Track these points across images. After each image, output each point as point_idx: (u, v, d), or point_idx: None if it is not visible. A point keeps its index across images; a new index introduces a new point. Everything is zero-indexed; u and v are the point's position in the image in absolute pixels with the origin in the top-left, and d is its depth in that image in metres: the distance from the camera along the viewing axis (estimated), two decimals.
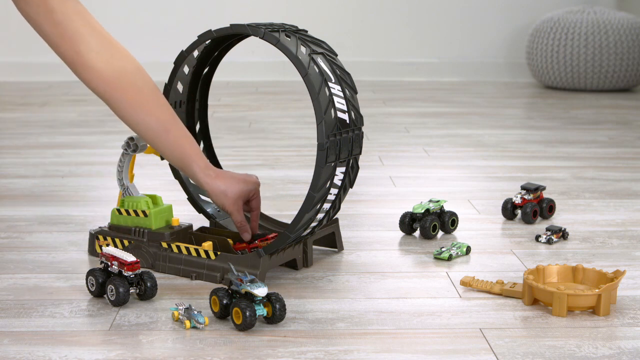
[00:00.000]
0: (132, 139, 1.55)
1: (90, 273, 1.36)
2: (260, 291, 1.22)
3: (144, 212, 1.51)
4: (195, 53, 1.56)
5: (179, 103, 1.61)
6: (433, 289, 1.42)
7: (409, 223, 1.71)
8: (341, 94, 1.39)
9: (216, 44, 1.56)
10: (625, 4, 4.40)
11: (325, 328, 1.25)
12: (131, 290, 1.34)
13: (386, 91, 3.97)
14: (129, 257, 1.34)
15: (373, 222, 1.80)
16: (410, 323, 1.28)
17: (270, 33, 1.37)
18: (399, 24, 4.41)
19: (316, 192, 1.36)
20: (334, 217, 1.58)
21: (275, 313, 1.24)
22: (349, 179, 1.45)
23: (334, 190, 1.41)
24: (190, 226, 1.56)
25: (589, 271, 1.40)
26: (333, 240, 1.60)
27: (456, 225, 1.73)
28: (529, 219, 1.79)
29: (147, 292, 1.34)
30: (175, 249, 1.48)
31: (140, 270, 1.34)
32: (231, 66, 3.42)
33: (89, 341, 1.20)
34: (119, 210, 1.55)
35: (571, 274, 1.41)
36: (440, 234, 1.73)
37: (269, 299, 1.25)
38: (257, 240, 1.53)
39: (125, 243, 1.52)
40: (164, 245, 1.49)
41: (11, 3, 1.35)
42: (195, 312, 1.25)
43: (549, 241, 1.66)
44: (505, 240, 1.69)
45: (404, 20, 4.41)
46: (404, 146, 2.67)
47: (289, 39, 1.38)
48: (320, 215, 1.43)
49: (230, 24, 1.42)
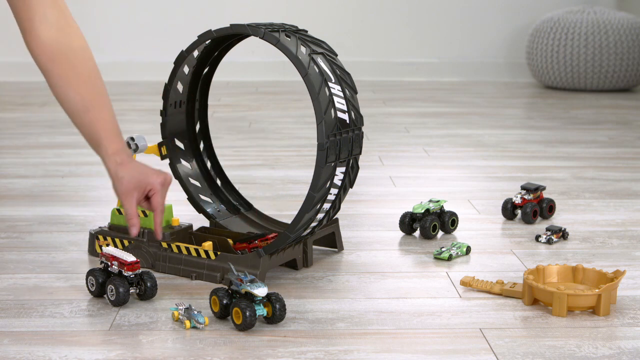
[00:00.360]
0: (133, 138, 1.55)
1: (90, 273, 1.36)
2: (260, 291, 1.22)
3: (144, 212, 1.51)
4: (195, 53, 1.56)
5: (179, 103, 1.61)
6: (433, 289, 1.42)
7: (409, 223, 1.71)
8: (341, 94, 1.39)
9: (216, 44, 1.56)
10: (625, 4, 4.40)
11: (325, 328, 1.25)
12: (131, 290, 1.34)
13: (386, 91, 3.97)
14: (129, 257, 1.34)
15: (373, 222, 1.80)
16: (410, 323, 1.27)
17: (270, 33, 1.37)
18: (399, 24, 4.41)
19: (316, 192, 1.36)
20: (334, 217, 1.58)
21: (275, 313, 1.24)
22: (349, 179, 1.44)
23: (334, 190, 1.41)
24: (190, 226, 1.56)
25: (589, 271, 1.40)
26: (333, 240, 1.60)
27: (456, 225, 1.73)
28: (529, 219, 1.79)
29: (147, 292, 1.34)
30: (175, 249, 1.48)
31: (140, 270, 1.34)
32: (231, 66, 3.41)
33: (89, 341, 1.20)
34: (119, 210, 1.55)
35: (571, 274, 1.41)
36: (440, 234, 1.73)
37: (269, 299, 1.25)
38: (257, 240, 1.53)
39: (125, 243, 1.52)
40: (164, 245, 1.49)
41: None
42: (195, 312, 1.25)
43: (549, 241, 1.66)
44: (505, 240, 1.69)
45: (404, 20, 4.41)
46: (404, 146, 2.67)
47: (289, 39, 1.38)
48: (320, 215, 1.43)
49: (230, 24, 1.42)
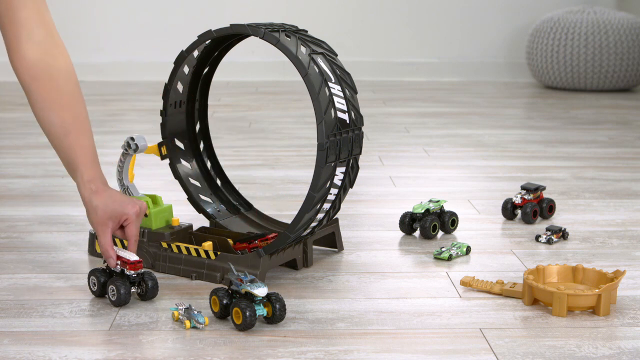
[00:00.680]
0: (133, 138, 1.55)
1: (92, 273, 1.36)
2: (260, 291, 1.22)
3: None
4: (195, 53, 1.56)
5: (179, 103, 1.61)
6: (433, 289, 1.42)
7: (409, 223, 1.71)
8: (341, 94, 1.39)
9: (216, 44, 1.56)
10: (625, 4, 4.40)
11: (325, 328, 1.25)
12: (132, 290, 1.34)
13: (386, 91, 3.97)
14: (132, 257, 1.34)
15: (373, 222, 1.80)
16: (410, 323, 1.27)
17: (270, 33, 1.37)
18: (399, 24, 4.41)
19: (316, 192, 1.36)
20: (334, 217, 1.58)
21: (275, 313, 1.24)
22: (349, 179, 1.44)
23: (334, 190, 1.41)
24: (190, 226, 1.56)
25: (589, 271, 1.40)
26: (333, 240, 1.60)
27: (456, 225, 1.73)
28: (529, 219, 1.79)
29: (148, 292, 1.34)
30: (175, 249, 1.48)
31: (142, 270, 1.34)
32: (231, 66, 3.42)
33: (89, 341, 1.20)
34: None
35: (571, 274, 1.41)
36: (440, 234, 1.73)
37: (269, 299, 1.25)
38: (257, 240, 1.53)
39: (125, 243, 1.52)
40: (164, 245, 1.49)
41: None
42: (195, 312, 1.25)
43: (549, 241, 1.66)
44: (505, 240, 1.69)
45: (404, 20, 4.41)
46: (404, 146, 2.67)
47: (289, 39, 1.38)
48: (320, 215, 1.43)
49: (230, 24, 1.42)
